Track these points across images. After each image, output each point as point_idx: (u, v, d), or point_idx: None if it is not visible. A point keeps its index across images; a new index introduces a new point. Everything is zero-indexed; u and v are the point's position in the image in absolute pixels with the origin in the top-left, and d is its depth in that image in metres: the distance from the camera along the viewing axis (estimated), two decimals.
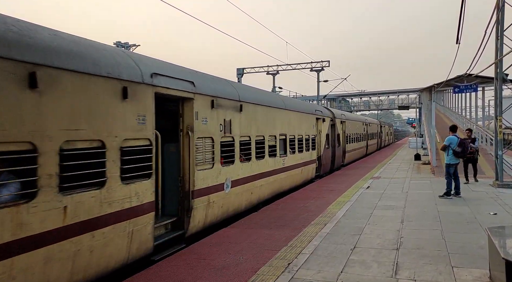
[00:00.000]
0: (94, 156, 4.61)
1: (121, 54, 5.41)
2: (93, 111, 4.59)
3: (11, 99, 3.67)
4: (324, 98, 39.09)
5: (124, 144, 5.05)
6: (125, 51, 5.83)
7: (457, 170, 10.40)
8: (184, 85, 6.46)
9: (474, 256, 5.41)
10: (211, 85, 7.52)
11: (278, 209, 9.23)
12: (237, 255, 5.72)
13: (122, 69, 5.10)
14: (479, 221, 7.44)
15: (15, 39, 3.81)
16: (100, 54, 4.89)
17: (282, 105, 11.56)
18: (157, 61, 6.35)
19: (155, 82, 5.69)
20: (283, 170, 11.41)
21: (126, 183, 5.06)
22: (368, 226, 7.28)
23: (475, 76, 16.19)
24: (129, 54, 5.68)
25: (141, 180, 5.36)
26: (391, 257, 5.47)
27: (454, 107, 42.05)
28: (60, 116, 4.16)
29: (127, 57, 5.44)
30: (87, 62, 4.56)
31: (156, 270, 5.17)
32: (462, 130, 28.27)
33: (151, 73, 5.62)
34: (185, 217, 6.59)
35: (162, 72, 5.97)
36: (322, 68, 35.84)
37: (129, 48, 31.11)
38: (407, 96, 56.67)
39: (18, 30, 3.94)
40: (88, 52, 4.71)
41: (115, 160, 4.86)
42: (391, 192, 11.44)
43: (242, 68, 38.04)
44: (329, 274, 4.88)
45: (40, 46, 4.02)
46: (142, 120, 5.39)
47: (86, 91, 4.51)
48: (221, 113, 7.68)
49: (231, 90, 8.38)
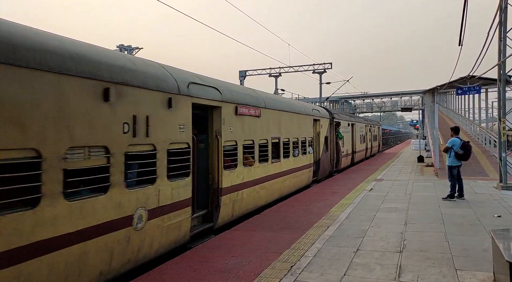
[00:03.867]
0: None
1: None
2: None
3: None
4: (327, 100, 39.04)
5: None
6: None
7: (460, 172, 10.35)
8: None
9: (478, 258, 5.38)
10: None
11: (281, 211, 9.22)
12: (240, 257, 5.71)
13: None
14: (483, 224, 7.40)
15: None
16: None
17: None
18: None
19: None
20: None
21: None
22: (371, 229, 7.26)
23: (478, 78, 16.12)
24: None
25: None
26: (394, 259, 5.45)
27: (457, 109, 41.94)
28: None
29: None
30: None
31: (159, 273, 5.17)
32: (466, 132, 28.23)
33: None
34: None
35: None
36: (324, 70, 35.87)
37: (132, 51, 31.22)
38: (410, 98, 56.53)
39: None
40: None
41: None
42: (394, 194, 11.40)
43: (245, 70, 38.12)
44: (332, 276, 4.86)
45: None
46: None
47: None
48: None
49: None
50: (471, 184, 12.59)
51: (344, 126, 19.75)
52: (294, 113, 12.37)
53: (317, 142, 14.99)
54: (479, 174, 15.05)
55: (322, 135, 15.49)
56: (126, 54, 5.69)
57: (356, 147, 23.38)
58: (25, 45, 3.87)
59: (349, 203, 10.00)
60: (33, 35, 4.13)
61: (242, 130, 8.56)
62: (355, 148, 23.08)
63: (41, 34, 4.31)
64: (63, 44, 4.44)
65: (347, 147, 20.71)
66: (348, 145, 21.02)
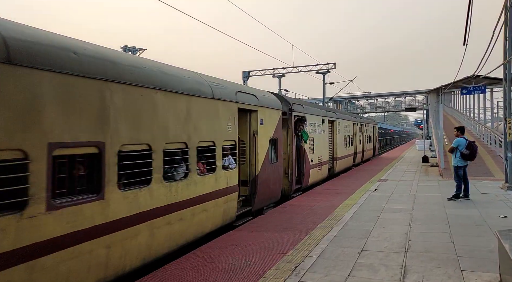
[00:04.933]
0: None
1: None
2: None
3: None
4: (330, 100, 38.95)
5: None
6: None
7: (466, 172, 10.28)
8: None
9: (484, 259, 5.33)
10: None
11: (285, 211, 9.20)
12: (244, 258, 5.70)
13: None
14: (488, 224, 7.34)
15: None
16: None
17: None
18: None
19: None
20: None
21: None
22: (376, 229, 7.22)
23: (483, 78, 16.02)
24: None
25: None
26: (399, 260, 5.42)
27: (462, 109, 41.71)
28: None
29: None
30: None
31: (163, 273, 5.17)
32: (471, 132, 28.06)
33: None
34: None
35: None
36: (328, 71, 35.81)
37: (136, 52, 31.32)
38: (414, 98, 56.32)
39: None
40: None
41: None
42: (398, 194, 11.34)
43: (248, 71, 38.15)
44: (336, 277, 4.84)
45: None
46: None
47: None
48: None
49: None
50: (477, 184, 12.51)
51: (315, 124, 13.99)
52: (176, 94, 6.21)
53: (252, 148, 8.86)
54: (484, 174, 14.94)
55: (263, 137, 9.17)
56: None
57: (338, 152, 17.50)
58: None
59: (353, 203, 9.96)
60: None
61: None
62: (336, 153, 17.28)
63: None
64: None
65: (320, 152, 14.60)
66: (322, 149, 14.91)
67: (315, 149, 13.96)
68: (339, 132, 18.08)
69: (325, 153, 15.56)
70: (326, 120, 15.73)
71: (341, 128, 18.43)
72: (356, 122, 22.72)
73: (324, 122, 15.40)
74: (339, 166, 18.15)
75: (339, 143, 17.88)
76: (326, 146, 15.80)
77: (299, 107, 12.69)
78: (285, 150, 11.25)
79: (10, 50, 3.58)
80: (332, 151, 17.13)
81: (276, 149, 10.04)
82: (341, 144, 18.29)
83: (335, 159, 17.31)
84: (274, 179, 9.90)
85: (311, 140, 13.47)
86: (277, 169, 10.14)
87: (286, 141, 11.48)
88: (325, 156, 15.52)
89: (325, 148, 15.52)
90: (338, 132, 17.80)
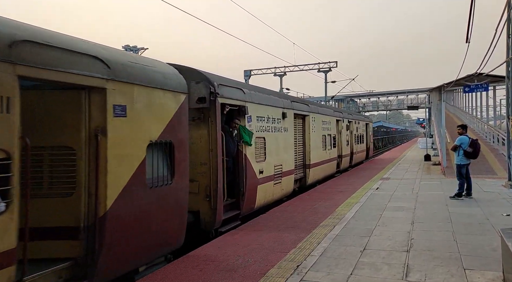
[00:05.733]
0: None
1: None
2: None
3: None
4: (332, 99, 38.89)
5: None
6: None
7: (468, 170, 10.24)
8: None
9: (487, 258, 5.31)
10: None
11: (287, 210, 9.19)
12: (246, 257, 5.70)
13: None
14: (491, 223, 7.31)
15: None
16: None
17: None
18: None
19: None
20: None
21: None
22: (378, 228, 7.21)
23: (485, 75, 15.97)
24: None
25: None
26: (401, 259, 5.40)
27: (465, 107, 41.58)
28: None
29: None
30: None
31: (164, 273, 5.18)
32: (473, 130, 27.97)
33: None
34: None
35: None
36: (329, 69, 35.74)
37: (137, 51, 31.34)
38: (416, 96, 56.22)
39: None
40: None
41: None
42: (401, 193, 11.31)
43: (249, 70, 38.11)
44: (338, 276, 4.83)
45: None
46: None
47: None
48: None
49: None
50: (479, 183, 12.47)
51: (269, 118, 9.82)
52: None
53: (89, 162, 4.30)
54: (487, 172, 14.90)
55: (127, 140, 4.70)
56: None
57: (312, 156, 13.13)
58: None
59: (356, 202, 9.95)
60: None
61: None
62: (309, 158, 12.95)
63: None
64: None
65: (280, 159, 10.31)
66: (284, 155, 10.63)
67: (270, 154, 9.62)
68: (315, 131, 13.75)
69: (290, 159, 11.10)
70: (290, 114, 11.30)
71: (317, 125, 14.10)
72: (342, 118, 18.35)
73: (287, 116, 10.90)
74: (315, 175, 13.61)
75: (314, 144, 13.54)
76: (291, 149, 11.35)
77: (234, 92, 8.10)
78: (204, 159, 7.09)
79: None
80: (304, 155, 12.88)
81: (172, 160, 5.46)
82: (317, 146, 13.95)
83: (307, 167, 12.89)
84: (161, 215, 5.27)
85: (261, 142, 9.25)
86: (173, 194, 5.50)
87: (206, 144, 7.12)
88: (289, 163, 11.06)
89: (288, 153, 11.04)
90: (313, 130, 13.53)
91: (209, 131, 7.20)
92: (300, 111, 12.39)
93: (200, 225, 7.06)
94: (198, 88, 7.01)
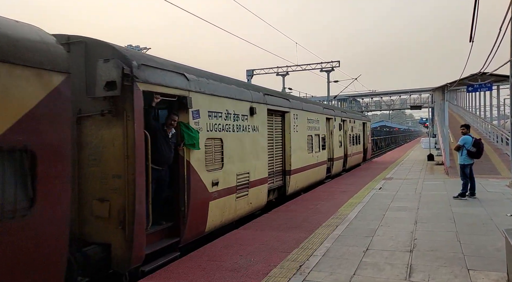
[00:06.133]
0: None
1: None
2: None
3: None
4: (335, 98, 38.83)
5: None
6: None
7: (472, 170, 10.19)
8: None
9: (491, 258, 5.28)
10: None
11: (289, 210, 9.18)
12: (248, 256, 5.70)
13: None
14: (495, 223, 7.27)
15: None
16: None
17: None
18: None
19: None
20: None
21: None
22: (381, 228, 7.18)
23: (489, 75, 15.87)
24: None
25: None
26: (404, 259, 5.38)
27: (468, 107, 41.40)
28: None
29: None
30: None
31: (166, 272, 5.18)
32: (477, 129, 27.84)
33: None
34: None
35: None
36: (332, 69, 35.66)
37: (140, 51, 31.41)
38: (419, 95, 55.99)
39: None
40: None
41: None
42: (404, 193, 11.27)
43: (252, 69, 38.11)
44: (341, 276, 4.82)
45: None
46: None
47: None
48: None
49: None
50: (483, 183, 12.40)
51: (228, 115, 7.76)
52: None
53: None
54: (490, 172, 14.82)
55: None
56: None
57: (294, 160, 11.12)
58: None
59: (358, 202, 9.92)
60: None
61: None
62: (290, 163, 10.89)
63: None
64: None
65: (245, 166, 8.32)
66: (252, 160, 8.67)
67: (230, 160, 7.64)
68: (298, 131, 11.59)
69: (261, 165, 9.07)
70: (262, 109, 9.26)
71: (301, 124, 11.95)
72: (333, 116, 16.00)
73: (256, 113, 8.82)
74: (297, 183, 11.52)
75: (297, 146, 11.48)
76: (264, 153, 9.26)
77: (170, 77, 6.06)
78: (118, 170, 5.14)
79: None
80: (284, 160, 10.85)
81: (33, 177, 3.59)
82: (301, 149, 11.88)
83: (288, 173, 10.89)
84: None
85: (216, 145, 7.25)
86: (31, 234, 3.50)
87: (121, 149, 5.14)
88: (261, 170, 9.05)
89: (260, 157, 9.02)
90: (295, 130, 11.38)
91: (125, 131, 5.13)
92: (276, 106, 10.17)
93: (112, 265, 5.07)
94: (106, 68, 5.02)
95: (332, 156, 15.81)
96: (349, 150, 18.75)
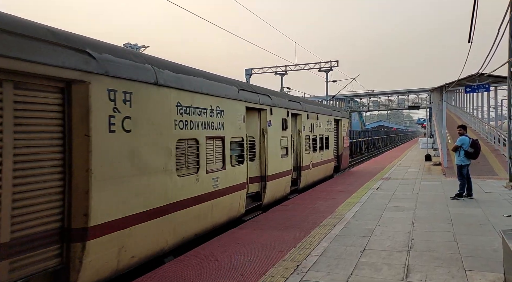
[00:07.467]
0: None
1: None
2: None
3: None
4: (333, 98, 38.87)
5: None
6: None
7: (468, 171, 10.21)
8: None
9: (488, 259, 5.29)
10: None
11: (287, 210, 9.18)
12: (246, 256, 5.69)
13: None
14: (492, 223, 7.29)
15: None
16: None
17: None
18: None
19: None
20: None
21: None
22: (378, 228, 7.19)
23: (487, 76, 15.92)
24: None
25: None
26: (402, 259, 5.39)
27: (466, 107, 41.53)
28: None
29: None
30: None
31: (164, 271, 5.17)
32: (474, 130, 27.92)
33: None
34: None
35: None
36: (330, 68, 35.71)
37: (138, 49, 31.33)
38: (417, 96, 56.20)
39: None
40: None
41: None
42: (401, 193, 11.29)
43: (250, 68, 38.10)
44: (338, 276, 4.82)
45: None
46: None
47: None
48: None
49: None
50: (480, 183, 12.44)
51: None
52: None
53: None
54: (488, 173, 14.86)
55: None
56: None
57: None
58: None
59: (356, 201, 9.93)
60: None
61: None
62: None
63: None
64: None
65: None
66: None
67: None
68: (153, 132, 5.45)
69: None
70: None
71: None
72: (269, 106, 9.76)
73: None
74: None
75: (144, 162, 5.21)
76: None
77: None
78: None
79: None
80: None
81: None
82: (159, 167, 5.56)
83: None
84: None
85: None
86: None
87: None
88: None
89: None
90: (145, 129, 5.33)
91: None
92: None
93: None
94: None
95: (266, 172, 9.51)
96: (306, 160, 12.71)
